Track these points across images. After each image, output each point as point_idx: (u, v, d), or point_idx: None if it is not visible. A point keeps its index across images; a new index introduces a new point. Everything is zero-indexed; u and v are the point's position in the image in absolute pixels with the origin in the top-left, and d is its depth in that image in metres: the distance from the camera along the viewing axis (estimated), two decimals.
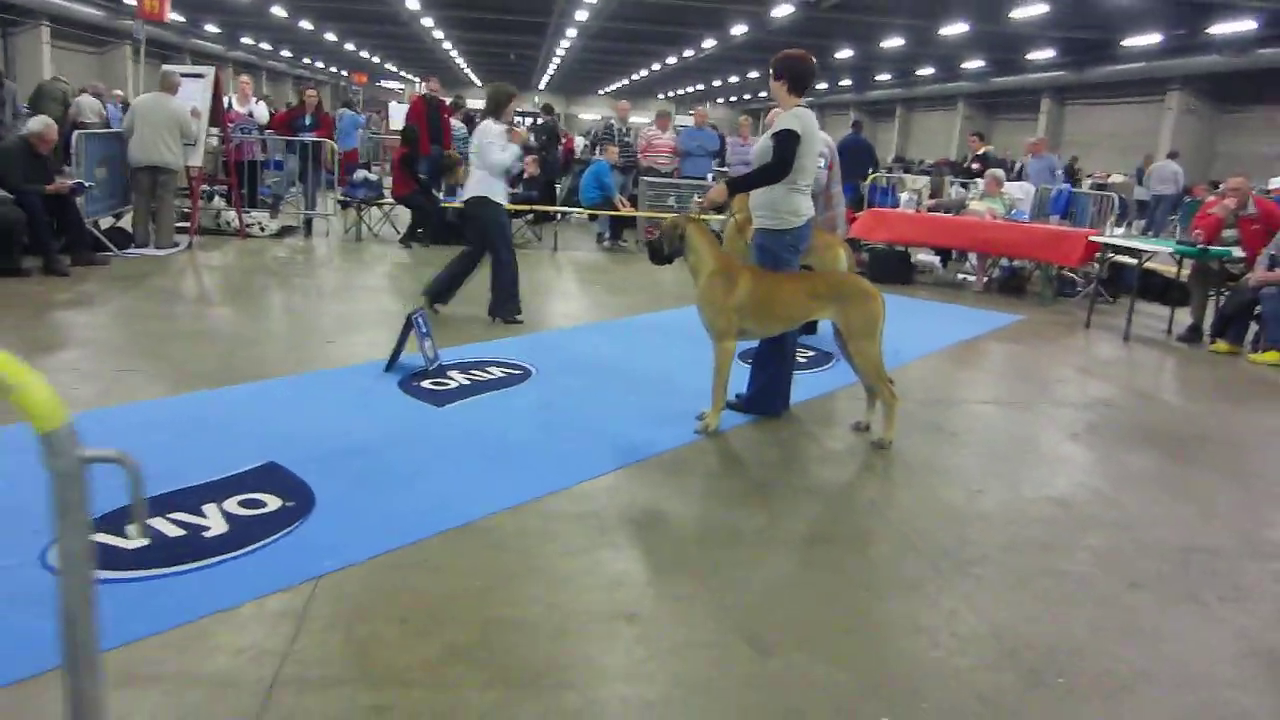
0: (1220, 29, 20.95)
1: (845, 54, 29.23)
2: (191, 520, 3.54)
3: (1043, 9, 19.91)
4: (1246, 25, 20.21)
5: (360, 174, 11.75)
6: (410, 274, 9.80)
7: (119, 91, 20.50)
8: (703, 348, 5.27)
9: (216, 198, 11.50)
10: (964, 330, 8.44)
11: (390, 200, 11.97)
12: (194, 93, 10.54)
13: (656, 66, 38.83)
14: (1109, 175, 22.59)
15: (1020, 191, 12.36)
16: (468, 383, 5.70)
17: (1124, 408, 6.33)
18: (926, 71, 33.76)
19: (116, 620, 2.75)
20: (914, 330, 7.85)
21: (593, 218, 12.94)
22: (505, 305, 7.46)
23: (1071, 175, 20.98)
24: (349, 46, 39.90)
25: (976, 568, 3.63)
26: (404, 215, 12.30)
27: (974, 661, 2.94)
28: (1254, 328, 8.30)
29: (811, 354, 7.02)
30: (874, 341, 4.97)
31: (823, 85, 41.57)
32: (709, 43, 28.99)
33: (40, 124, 8.89)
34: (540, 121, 15.18)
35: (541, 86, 52.15)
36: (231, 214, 11.40)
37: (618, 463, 4.52)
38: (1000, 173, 11.96)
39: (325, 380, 5.68)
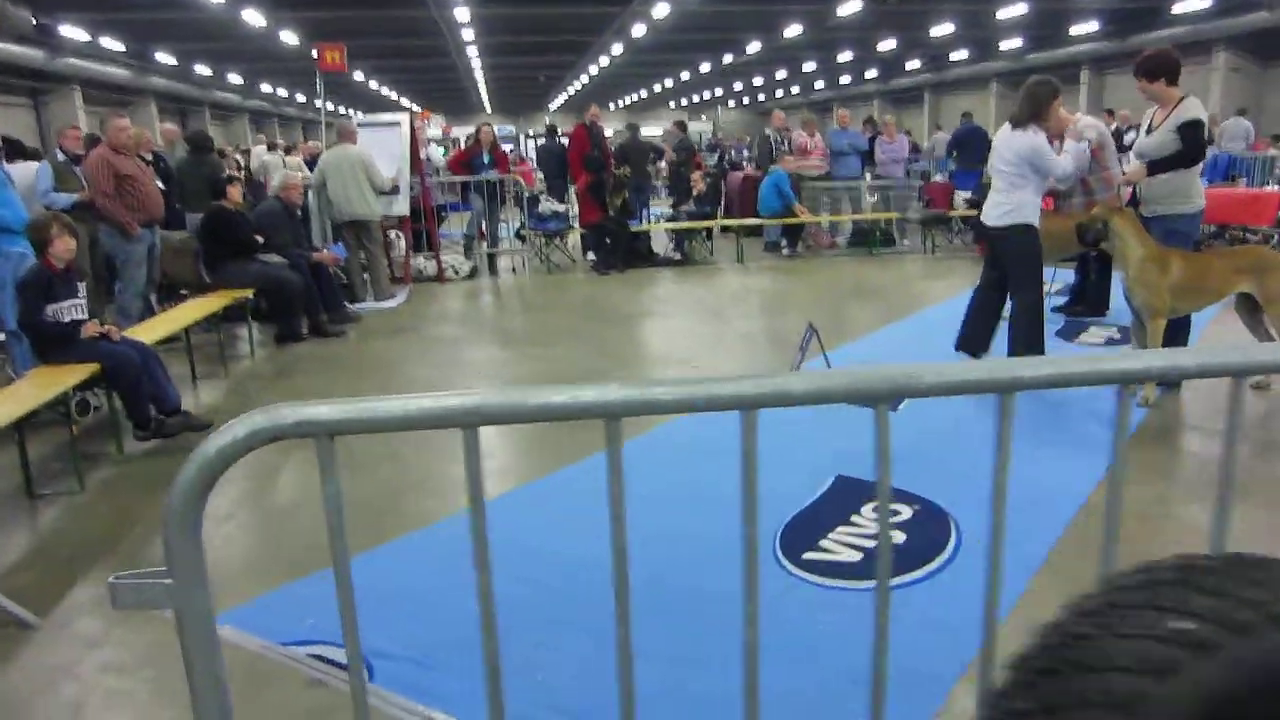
0: None
1: (888, 45, 29.29)
2: (873, 531, 3.72)
3: None
4: None
5: (547, 206, 11.67)
6: (647, 293, 9.82)
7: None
8: None
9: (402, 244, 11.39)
10: None
11: (577, 229, 11.92)
12: (390, 141, 10.47)
13: (686, 76, 38.88)
14: None
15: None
16: None
17: None
18: (959, 55, 33.82)
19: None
20: None
21: (755, 230, 12.88)
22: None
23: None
24: (373, 85, 39.81)
25: None
26: (574, 243, 12.36)
27: None
28: None
29: (1117, 335, 7.30)
30: None
31: (846, 79, 41.68)
32: (753, 47, 29.02)
33: (284, 178, 8.83)
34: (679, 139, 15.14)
35: (554, 107, 52.14)
36: (420, 260, 11.32)
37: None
38: None
39: None
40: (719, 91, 48.65)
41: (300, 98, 45.12)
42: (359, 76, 36.20)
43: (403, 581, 3.48)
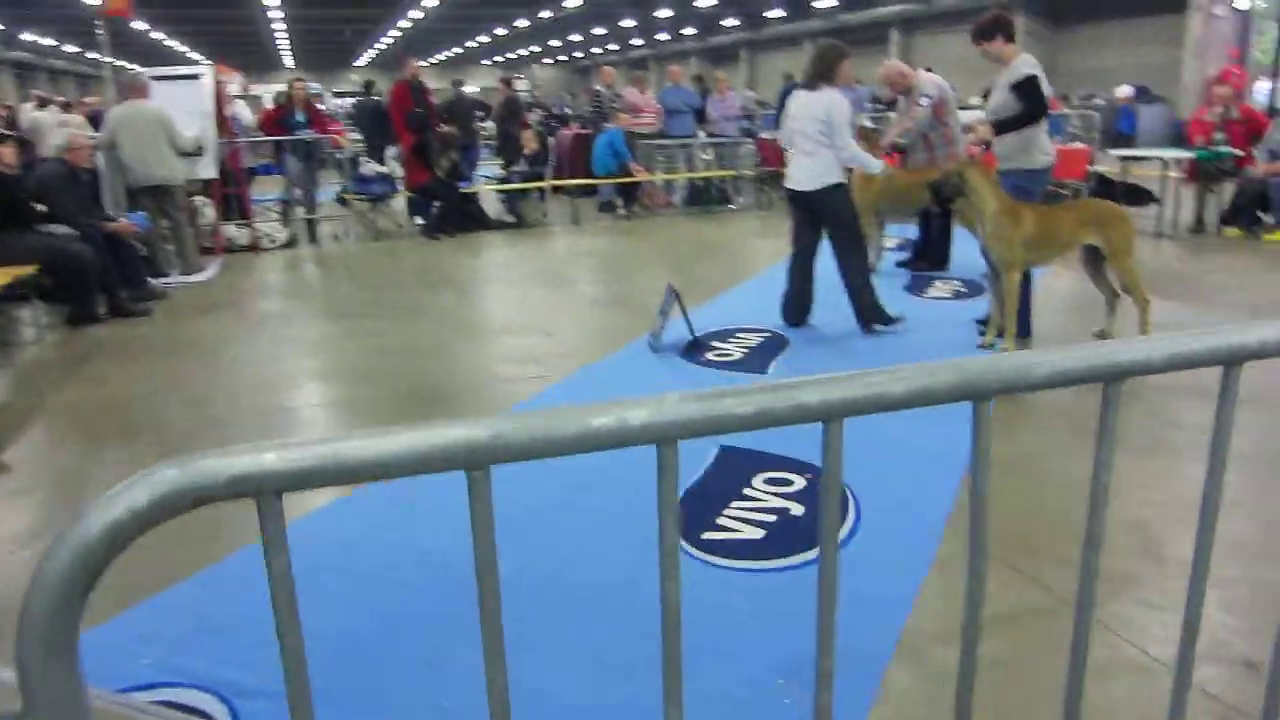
0: None
1: (707, 1, 29.38)
2: (771, 505, 3.60)
3: None
4: None
5: (371, 168, 10.90)
6: (484, 258, 9.37)
7: None
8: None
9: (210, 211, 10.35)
10: None
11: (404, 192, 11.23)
12: (191, 96, 9.47)
13: (502, 31, 37.81)
14: (968, 98, 23.93)
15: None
16: (745, 352, 5.71)
17: (1243, 289, 7.18)
18: (775, 14, 34.40)
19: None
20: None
21: (589, 190, 12.55)
22: (875, 310, 6.06)
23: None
24: (156, 35, 36.62)
25: None
26: (399, 207, 11.70)
27: None
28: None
29: (962, 288, 7.39)
30: (1132, 257, 5.51)
31: (664, 36, 41.70)
32: (571, 1, 28.45)
33: (69, 137, 7.80)
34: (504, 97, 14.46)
35: (360, 63, 49.72)
36: (231, 228, 10.35)
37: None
38: None
39: (626, 366, 5.56)
40: (535, 48, 47.74)
41: (71, 48, 41.06)
42: (141, 26, 33.20)
43: (254, 600, 2.99)
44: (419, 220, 11.51)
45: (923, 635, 2.74)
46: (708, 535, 3.34)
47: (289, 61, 48.79)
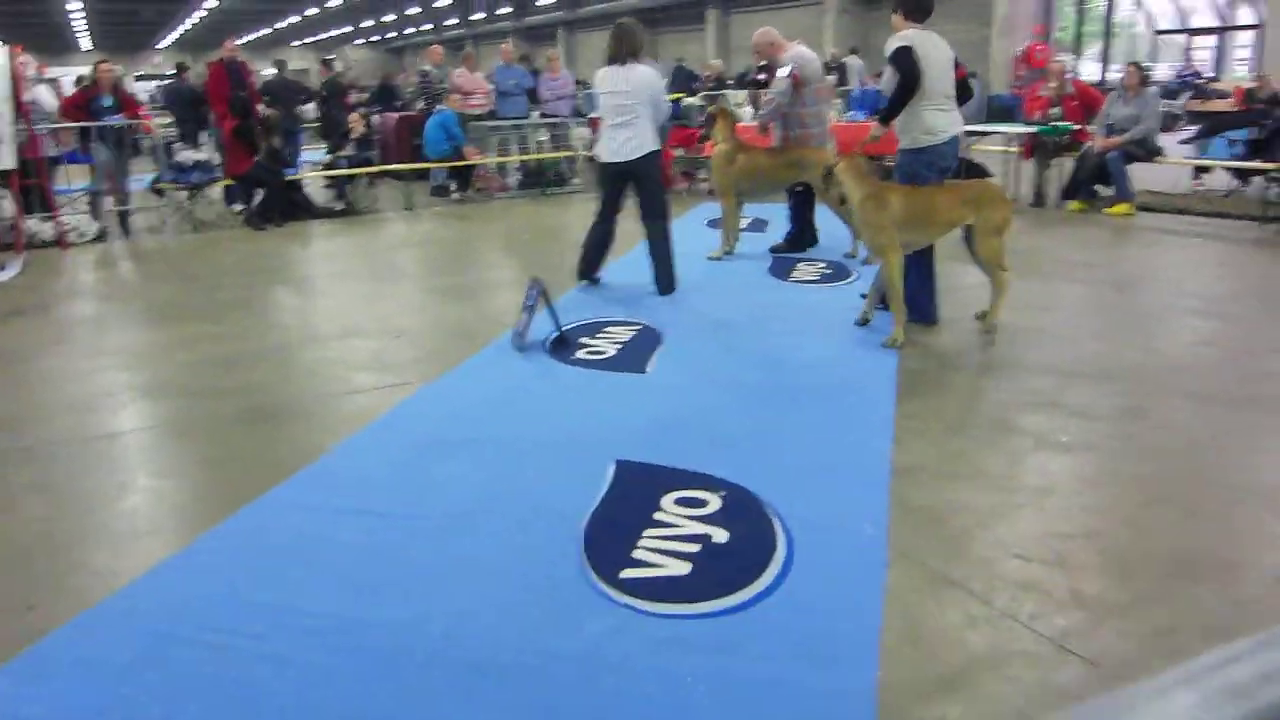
0: None
1: None
2: (690, 532, 3.15)
3: None
4: None
5: (188, 155, 10.24)
6: (316, 250, 9.03)
7: None
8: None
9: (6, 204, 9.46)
10: None
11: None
12: None
13: (314, 11, 36.18)
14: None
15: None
16: (619, 348, 5.40)
17: (1102, 264, 7.51)
18: None
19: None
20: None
21: (420, 174, 12.23)
22: (670, 276, 6.66)
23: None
24: None
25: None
26: (218, 195, 11.09)
27: None
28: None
29: (828, 270, 7.29)
30: (1001, 239, 5.49)
31: (479, 15, 40.98)
32: None
33: None
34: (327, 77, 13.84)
35: (164, 45, 46.51)
36: (34, 222, 9.51)
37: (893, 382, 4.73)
38: (833, 79, 12.89)
39: (491, 369, 5.18)
40: (348, 28, 45.97)
41: None
42: None
43: (82, 690, 2.43)
44: (238, 208, 10.96)
45: (901, 692, 2.34)
46: (628, 573, 2.88)
47: (85, 43, 45.08)
